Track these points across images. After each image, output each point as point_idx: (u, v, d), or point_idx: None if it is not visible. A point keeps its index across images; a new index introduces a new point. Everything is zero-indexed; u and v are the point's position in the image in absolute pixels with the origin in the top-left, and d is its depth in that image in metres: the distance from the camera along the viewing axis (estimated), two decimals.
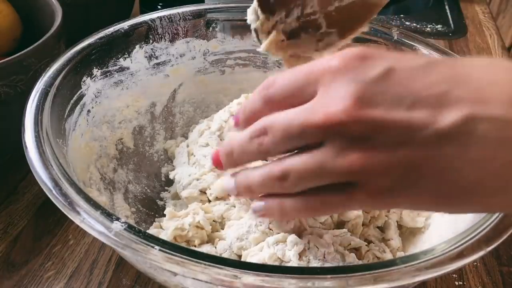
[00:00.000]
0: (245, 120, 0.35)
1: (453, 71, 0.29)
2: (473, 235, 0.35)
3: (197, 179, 0.53)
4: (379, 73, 0.29)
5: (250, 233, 0.45)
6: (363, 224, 0.49)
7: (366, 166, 0.28)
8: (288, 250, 0.42)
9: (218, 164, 0.37)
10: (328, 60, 0.31)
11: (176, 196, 0.55)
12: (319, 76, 0.31)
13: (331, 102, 0.29)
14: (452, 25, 1.00)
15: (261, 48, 0.44)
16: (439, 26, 0.99)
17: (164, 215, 0.50)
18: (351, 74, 0.29)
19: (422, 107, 0.28)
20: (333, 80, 0.30)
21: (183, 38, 0.61)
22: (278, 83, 0.33)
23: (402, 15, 1.02)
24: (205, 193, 0.52)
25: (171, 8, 0.61)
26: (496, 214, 0.36)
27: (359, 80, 0.29)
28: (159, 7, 0.83)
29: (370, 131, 0.28)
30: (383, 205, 0.33)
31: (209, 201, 0.52)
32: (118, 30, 0.56)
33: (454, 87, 0.28)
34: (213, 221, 0.50)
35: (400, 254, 0.48)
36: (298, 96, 0.32)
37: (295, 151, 0.32)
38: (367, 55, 0.30)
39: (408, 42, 0.58)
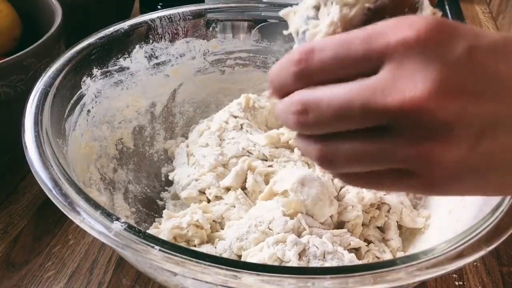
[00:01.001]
0: (274, 93, 0.30)
1: None
2: (473, 235, 0.35)
3: (196, 180, 0.53)
4: (461, 53, 0.25)
5: (250, 233, 0.45)
6: (363, 224, 0.49)
7: (439, 158, 0.26)
8: (288, 250, 0.42)
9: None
10: (398, 29, 0.26)
11: (176, 196, 0.55)
12: (389, 48, 0.26)
13: (408, 84, 0.25)
14: None
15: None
16: None
17: None
18: (431, 51, 0.25)
19: (508, 95, 0.26)
20: (408, 56, 0.26)
21: (183, 38, 0.61)
22: (319, 55, 0.27)
23: None
24: (204, 193, 0.53)
25: (171, 8, 0.61)
26: (496, 214, 0.36)
27: (441, 60, 0.25)
28: (159, 7, 0.83)
29: (454, 120, 0.25)
30: (438, 194, 0.30)
31: (209, 201, 0.52)
32: (118, 30, 0.56)
33: None
34: (213, 221, 0.50)
35: (400, 254, 0.48)
36: (351, 69, 0.27)
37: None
38: (445, 28, 0.26)
39: None
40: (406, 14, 0.31)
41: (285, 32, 0.33)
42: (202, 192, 0.53)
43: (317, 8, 0.32)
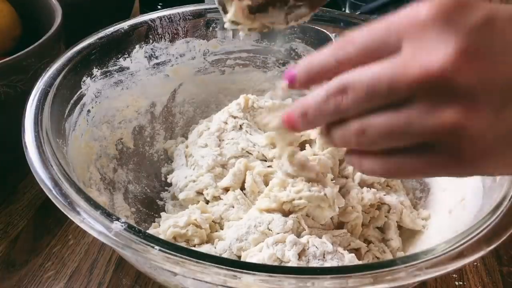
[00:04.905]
0: (307, 79, 0.32)
1: None
2: (473, 235, 0.35)
3: (194, 181, 0.53)
4: (480, 22, 0.25)
5: (249, 234, 0.45)
6: (362, 225, 0.49)
7: (465, 124, 0.25)
8: (288, 251, 0.42)
9: (291, 125, 0.33)
10: (411, 9, 0.27)
11: (176, 197, 0.55)
12: (405, 27, 0.27)
13: (428, 55, 0.26)
14: None
15: (227, 18, 0.41)
16: None
17: None
18: (447, 23, 0.26)
19: None
20: (424, 32, 0.26)
21: (183, 38, 0.61)
22: (356, 41, 0.29)
23: None
24: (202, 194, 0.53)
25: (171, 8, 0.61)
26: (496, 214, 0.36)
27: (459, 29, 0.25)
28: (159, 7, 0.83)
29: (478, 87, 0.25)
30: (469, 171, 0.29)
31: (207, 202, 0.52)
32: (118, 30, 0.56)
33: None
34: (212, 221, 0.50)
35: (400, 254, 0.48)
36: (377, 53, 0.28)
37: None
38: (459, 2, 0.26)
39: None
40: None
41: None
42: (200, 193, 0.53)
43: None
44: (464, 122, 0.25)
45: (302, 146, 0.54)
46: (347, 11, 0.89)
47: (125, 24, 0.57)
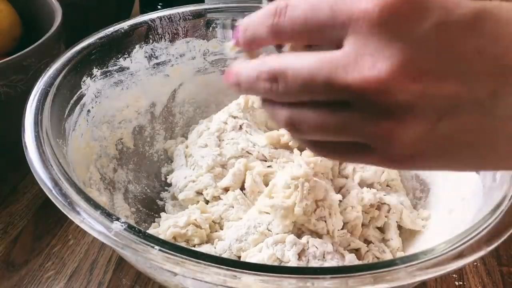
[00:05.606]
0: (245, 43, 0.31)
1: (502, 30, 0.25)
2: (473, 235, 0.35)
3: (193, 181, 0.53)
4: (428, 31, 0.24)
5: (249, 235, 0.45)
6: (362, 225, 0.49)
7: (400, 136, 0.25)
8: (287, 251, 0.42)
9: (229, 85, 0.32)
10: (363, 1, 0.25)
11: (176, 197, 0.55)
12: (352, 19, 0.25)
13: (370, 61, 0.25)
14: None
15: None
16: None
17: None
18: (395, 28, 0.24)
19: (475, 77, 0.25)
20: (371, 31, 0.25)
21: (183, 38, 0.61)
22: (292, 12, 0.27)
23: None
24: (202, 194, 0.53)
25: (171, 8, 0.61)
26: (496, 214, 0.36)
27: (405, 38, 0.24)
28: (159, 7, 0.83)
29: (414, 102, 0.25)
30: (400, 168, 0.30)
31: (207, 202, 0.52)
32: (118, 30, 0.56)
33: (507, 50, 0.25)
34: (212, 221, 0.50)
35: (400, 254, 0.48)
36: (317, 35, 0.27)
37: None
38: (412, 4, 0.25)
39: None
40: None
41: None
42: (199, 193, 0.53)
43: None
44: (397, 133, 0.26)
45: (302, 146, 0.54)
46: None
47: (125, 24, 0.57)
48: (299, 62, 0.27)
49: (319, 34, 0.27)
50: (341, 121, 0.27)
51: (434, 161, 0.27)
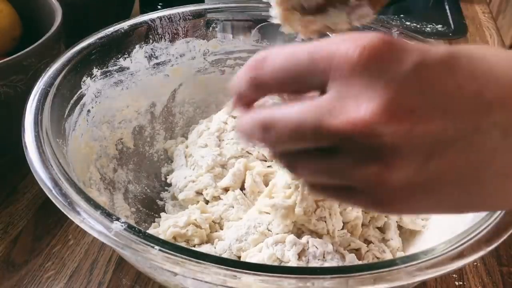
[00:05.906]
0: (236, 103, 0.31)
1: (477, 67, 0.26)
2: (473, 235, 0.35)
3: (193, 181, 0.53)
4: (407, 71, 0.25)
5: (249, 235, 0.45)
6: (362, 225, 0.49)
7: (388, 180, 0.25)
8: (287, 251, 0.42)
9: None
10: (342, 45, 0.25)
11: (176, 197, 0.55)
12: (332, 65, 0.25)
13: (354, 104, 0.25)
14: (452, 25, 1.00)
15: (276, 18, 0.38)
16: (439, 26, 0.99)
17: None
18: (375, 70, 0.25)
19: (458, 114, 0.25)
20: (352, 74, 0.25)
21: (183, 38, 0.61)
22: (270, 63, 0.28)
23: (402, 15, 1.02)
24: (202, 194, 0.53)
25: (171, 8, 0.61)
26: (496, 214, 0.36)
27: (386, 79, 0.24)
28: (159, 7, 0.83)
29: (401, 143, 0.25)
30: (390, 212, 0.30)
31: (207, 202, 0.52)
32: (118, 30, 0.56)
33: (485, 86, 0.25)
34: (212, 221, 0.50)
35: (400, 254, 0.48)
36: (299, 84, 0.27)
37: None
38: (390, 45, 0.25)
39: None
40: None
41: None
42: (199, 193, 0.53)
43: None
44: (385, 177, 0.25)
45: None
46: None
47: (125, 24, 0.57)
48: (288, 112, 0.27)
49: (301, 83, 0.27)
50: (332, 166, 0.27)
51: (424, 202, 0.27)
